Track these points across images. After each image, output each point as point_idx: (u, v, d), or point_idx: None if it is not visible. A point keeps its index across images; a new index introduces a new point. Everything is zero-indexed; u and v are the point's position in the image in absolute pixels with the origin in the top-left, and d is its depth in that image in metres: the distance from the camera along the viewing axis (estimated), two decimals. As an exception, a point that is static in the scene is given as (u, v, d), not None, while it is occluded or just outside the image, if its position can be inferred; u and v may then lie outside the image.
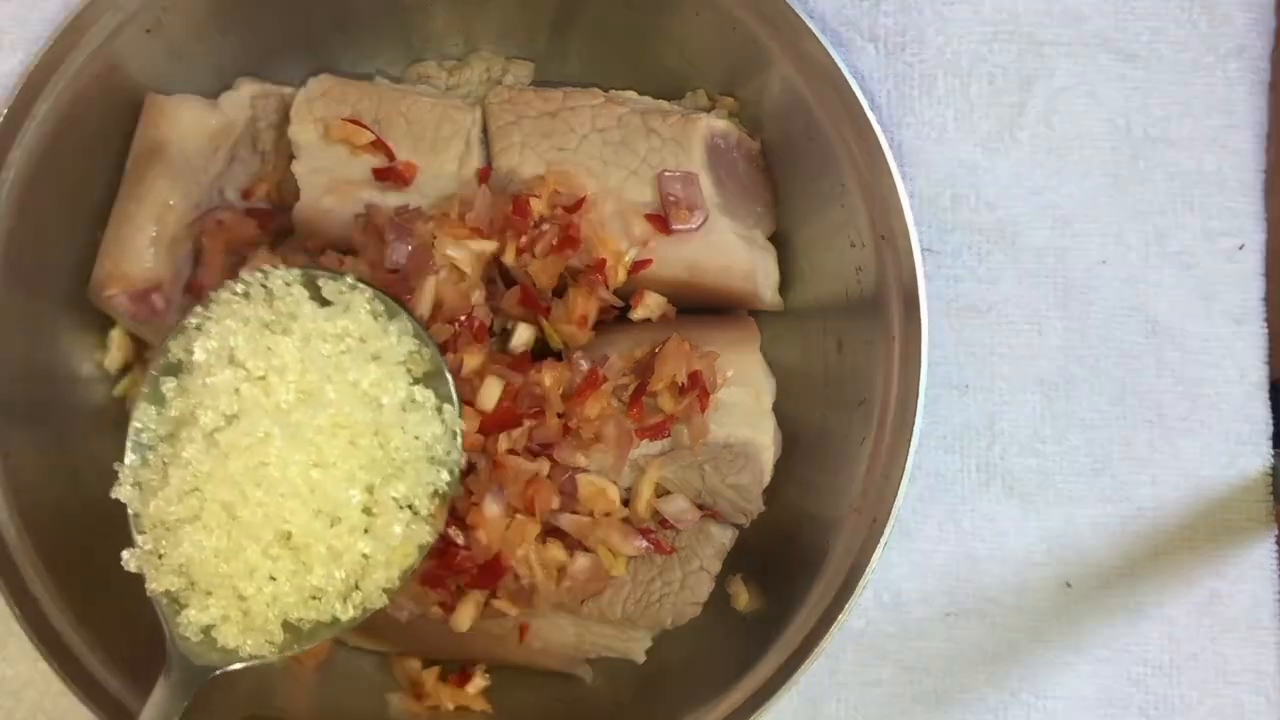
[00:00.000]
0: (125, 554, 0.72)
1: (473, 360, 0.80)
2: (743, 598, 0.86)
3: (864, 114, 0.79)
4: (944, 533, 0.89)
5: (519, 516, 0.81)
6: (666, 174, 0.84)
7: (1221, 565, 0.88)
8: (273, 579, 0.69)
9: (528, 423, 0.81)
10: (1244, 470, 0.88)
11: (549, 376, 0.81)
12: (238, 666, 0.72)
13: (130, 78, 0.83)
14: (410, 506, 0.74)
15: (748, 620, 0.85)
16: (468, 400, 0.80)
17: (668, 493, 0.85)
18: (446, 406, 0.76)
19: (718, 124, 0.86)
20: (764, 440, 0.85)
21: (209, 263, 0.86)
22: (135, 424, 0.72)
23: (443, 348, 0.79)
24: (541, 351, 0.84)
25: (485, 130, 0.86)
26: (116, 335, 0.88)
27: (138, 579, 0.72)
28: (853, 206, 0.81)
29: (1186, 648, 0.88)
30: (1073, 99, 0.90)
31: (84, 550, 0.82)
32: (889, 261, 0.80)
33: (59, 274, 0.85)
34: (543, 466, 0.81)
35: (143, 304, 0.85)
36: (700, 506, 0.85)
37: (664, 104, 0.88)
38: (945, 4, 0.90)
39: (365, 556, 0.71)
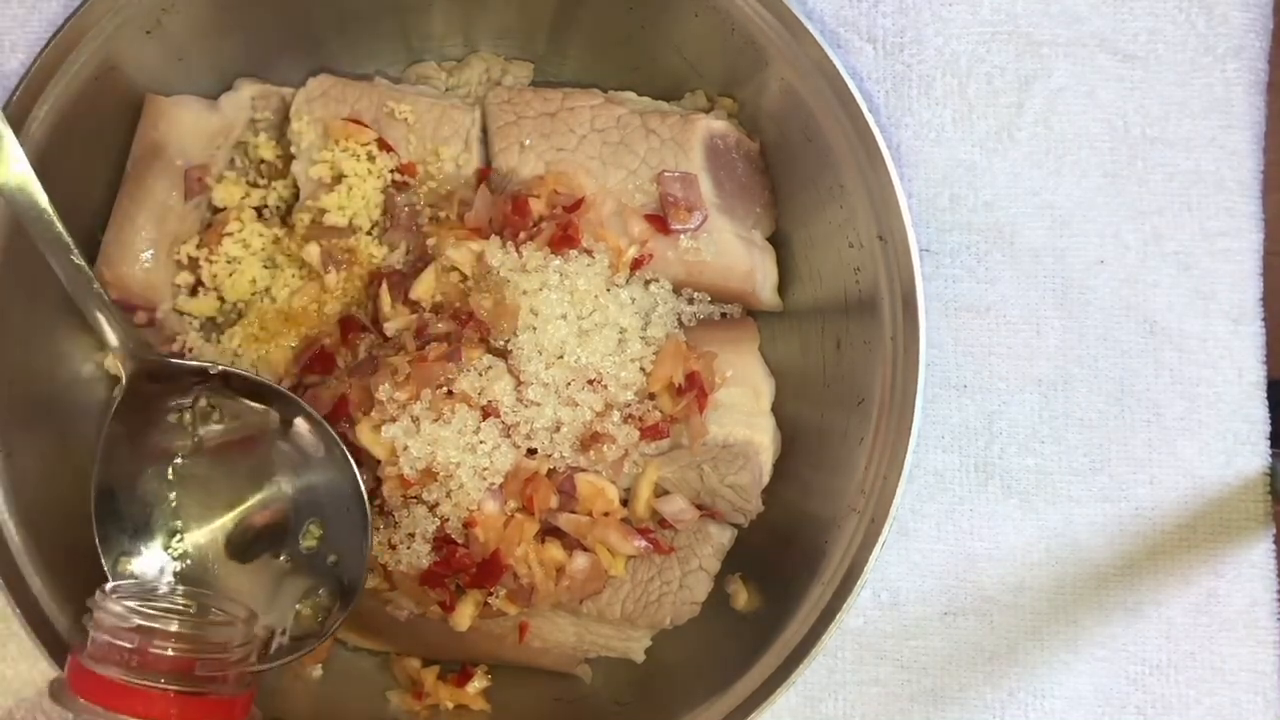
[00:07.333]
0: None
1: (473, 355, 0.81)
2: (741, 597, 0.86)
3: (862, 114, 0.79)
4: (942, 532, 0.89)
5: (517, 515, 0.82)
6: (666, 174, 0.84)
7: (1219, 564, 0.88)
8: None
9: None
10: (1242, 470, 0.88)
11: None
12: None
13: (130, 78, 0.83)
14: None
15: (746, 620, 0.85)
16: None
17: (666, 492, 0.85)
18: None
19: (716, 125, 0.86)
20: (763, 440, 0.85)
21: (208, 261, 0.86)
22: None
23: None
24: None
25: (485, 130, 0.86)
26: (117, 336, 0.88)
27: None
28: (851, 207, 0.81)
29: (1184, 647, 0.88)
30: (1071, 99, 0.90)
31: (84, 550, 0.82)
32: (887, 262, 0.80)
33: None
34: (541, 464, 0.82)
35: (142, 305, 0.85)
36: (699, 506, 0.85)
37: (663, 104, 0.88)
38: (943, 4, 0.90)
39: None
